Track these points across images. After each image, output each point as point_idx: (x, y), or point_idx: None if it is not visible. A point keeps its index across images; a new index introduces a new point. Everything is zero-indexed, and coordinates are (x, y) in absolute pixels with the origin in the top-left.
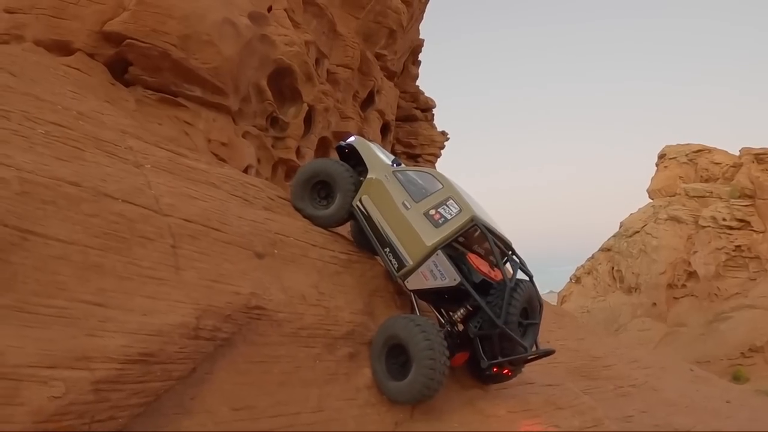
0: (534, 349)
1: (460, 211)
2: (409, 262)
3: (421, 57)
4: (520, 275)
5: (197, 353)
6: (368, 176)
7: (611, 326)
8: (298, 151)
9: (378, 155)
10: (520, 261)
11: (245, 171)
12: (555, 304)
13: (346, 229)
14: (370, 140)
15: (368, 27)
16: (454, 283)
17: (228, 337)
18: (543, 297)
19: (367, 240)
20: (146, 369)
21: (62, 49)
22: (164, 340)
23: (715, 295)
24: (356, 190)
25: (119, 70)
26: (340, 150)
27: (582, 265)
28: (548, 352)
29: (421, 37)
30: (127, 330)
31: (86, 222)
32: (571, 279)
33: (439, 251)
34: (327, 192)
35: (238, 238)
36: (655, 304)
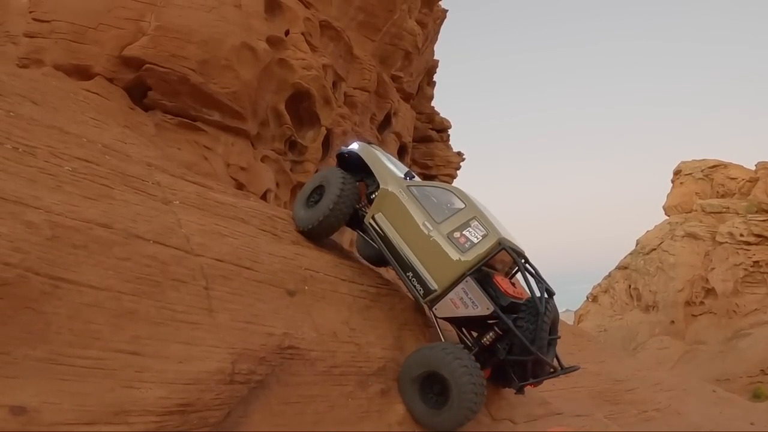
0: (555, 363)
1: (487, 234)
2: (436, 288)
3: (436, 78)
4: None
5: (232, 398)
6: (380, 190)
7: (629, 345)
8: None
9: (387, 166)
10: (537, 274)
11: (264, 195)
12: (572, 323)
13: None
14: (375, 146)
15: (384, 49)
16: (487, 312)
17: (262, 379)
18: (560, 316)
19: (376, 253)
20: (184, 419)
21: (81, 73)
22: (201, 388)
23: (734, 311)
24: (342, 194)
25: (138, 94)
26: (341, 157)
27: (599, 284)
28: (573, 369)
29: (435, 57)
30: (165, 380)
31: (118, 266)
32: (587, 298)
33: (469, 278)
34: (319, 196)
35: (270, 276)
36: (673, 321)
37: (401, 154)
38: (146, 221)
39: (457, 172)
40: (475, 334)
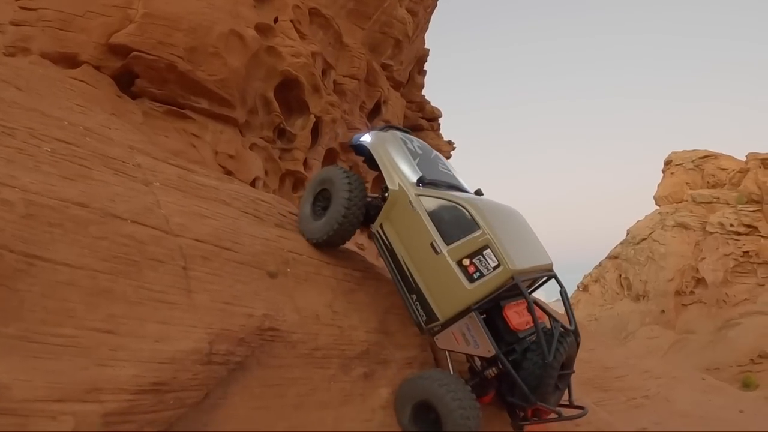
0: (568, 401)
1: (498, 265)
2: (439, 318)
3: (427, 67)
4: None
5: (210, 379)
6: (389, 195)
7: (620, 334)
8: (305, 163)
9: (400, 167)
10: (564, 295)
11: (252, 183)
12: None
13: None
14: (392, 129)
15: (374, 37)
16: (488, 355)
17: (241, 360)
18: (551, 305)
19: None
20: (159, 398)
21: (69, 61)
22: (177, 367)
23: (724, 301)
24: (350, 198)
25: (126, 82)
26: (356, 147)
27: (589, 273)
28: (578, 416)
29: (426, 46)
30: (139, 359)
31: (95, 245)
32: (578, 287)
33: (473, 313)
34: (327, 203)
35: (251, 257)
36: (663, 311)
37: None
38: (125, 201)
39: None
40: (482, 362)
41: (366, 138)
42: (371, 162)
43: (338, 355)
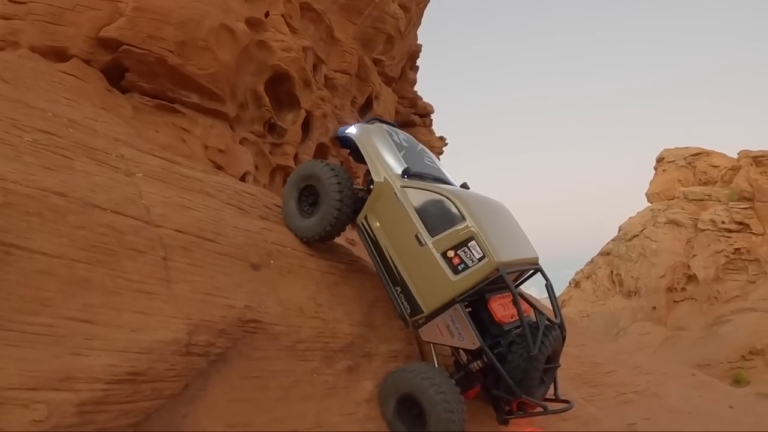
0: (553, 395)
1: (483, 257)
2: (423, 310)
3: (419, 63)
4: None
5: (189, 370)
6: (374, 187)
7: (611, 330)
8: (296, 158)
9: (386, 159)
10: (549, 288)
11: (242, 178)
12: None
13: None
14: (379, 121)
15: (366, 32)
16: (473, 348)
17: (222, 352)
18: (542, 302)
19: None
20: (135, 388)
21: (58, 55)
22: (154, 357)
23: (715, 298)
24: (342, 200)
25: (115, 76)
26: (342, 139)
27: (581, 270)
28: (564, 409)
29: (419, 42)
30: (115, 348)
31: (73, 234)
32: (570, 283)
33: (458, 305)
34: (315, 198)
35: (233, 249)
36: (654, 307)
37: None
38: (105, 191)
39: (440, 156)
40: (468, 355)
41: (352, 130)
42: (357, 154)
43: (322, 348)
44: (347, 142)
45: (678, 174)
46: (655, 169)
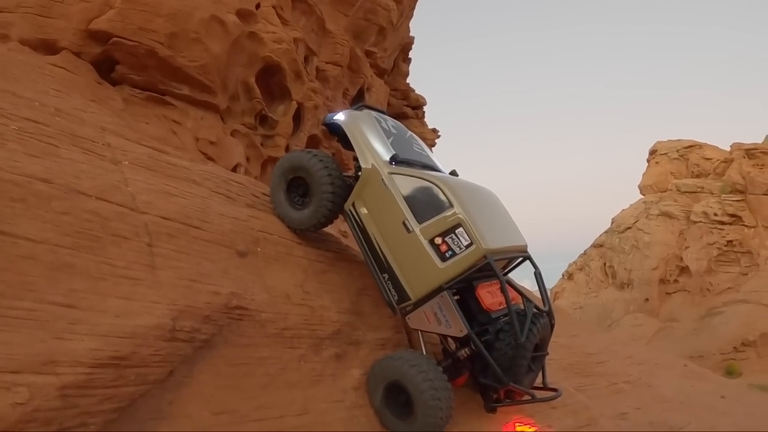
0: (542, 383)
1: (471, 244)
2: (411, 297)
3: (412, 55)
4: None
5: (174, 356)
6: (362, 173)
7: (604, 322)
8: (287, 150)
9: (373, 145)
10: (538, 275)
11: (234, 169)
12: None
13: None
14: (367, 108)
15: (358, 24)
16: (460, 335)
17: (208, 338)
18: (533, 291)
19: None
20: (118, 373)
21: (48, 48)
22: (138, 342)
23: (708, 290)
24: (334, 191)
25: (106, 68)
26: (330, 126)
27: (574, 262)
28: (552, 397)
29: (412, 35)
30: (98, 333)
31: (57, 220)
32: (563, 275)
33: (445, 292)
34: (305, 190)
35: (219, 236)
36: (647, 299)
37: None
38: (90, 178)
39: (432, 149)
40: (455, 342)
41: (340, 116)
42: (345, 141)
43: (309, 335)
44: (335, 129)
45: (671, 166)
46: (648, 161)
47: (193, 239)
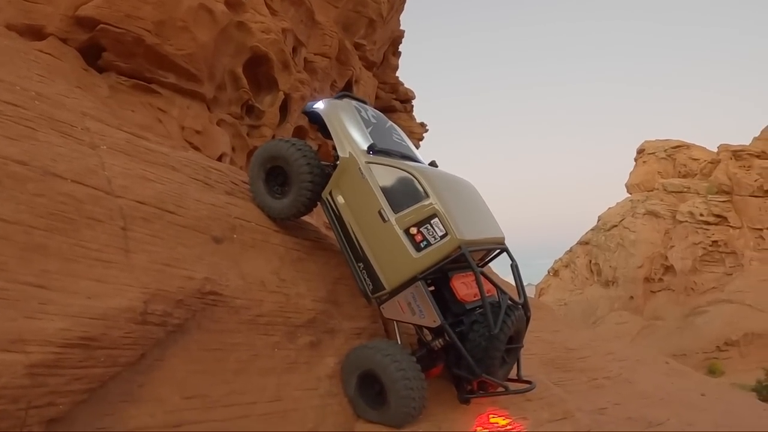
0: (516, 375)
1: (446, 235)
2: (385, 287)
3: (402, 49)
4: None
5: (146, 339)
6: (340, 162)
7: (589, 319)
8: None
9: (352, 134)
10: (514, 267)
11: (219, 159)
12: (533, 296)
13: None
14: (348, 97)
15: (347, 16)
16: (434, 325)
17: (181, 323)
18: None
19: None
20: (88, 354)
21: (35, 33)
22: (108, 324)
23: (692, 289)
24: (313, 180)
25: (92, 55)
26: (311, 115)
27: (560, 258)
28: (526, 389)
29: (402, 28)
30: (68, 313)
31: (31, 202)
32: (549, 272)
33: (419, 282)
34: (284, 179)
35: (195, 221)
36: (632, 297)
37: None
38: (67, 162)
39: (420, 143)
40: (430, 334)
41: (319, 105)
42: (324, 130)
43: (283, 323)
44: (315, 118)
45: (658, 166)
46: (636, 160)
47: (168, 224)
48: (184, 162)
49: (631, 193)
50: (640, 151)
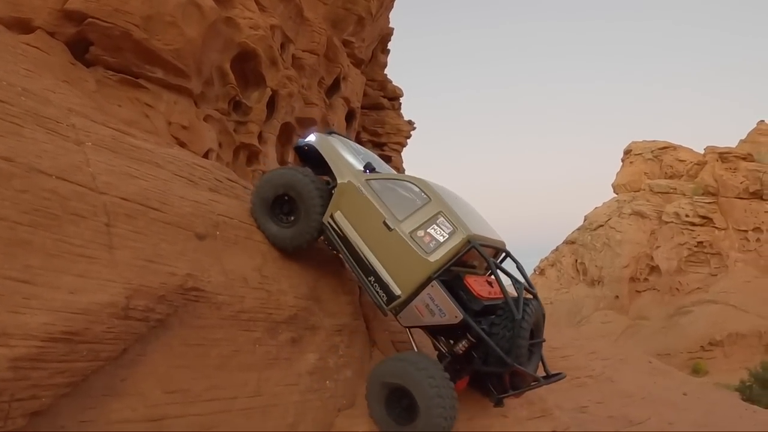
0: (542, 369)
1: (454, 231)
2: (399, 294)
3: (391, 46)
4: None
5: (128, 334)
6: (338, 185)
7: (574, 318)
8: (260, 136)
9: (345, 158)
10: (521, 270)
11: (206, 155)
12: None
13: None
14: (335, 134)
15: (336, 13)
16: (455, 321)
17: (163, 318)
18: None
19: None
20: (70, 348)
21: (22, 26)
22: (90, 319)
23: (677, 289)
24: (325, 205)
25: (80, 49)
26: (300, 150)
27: (546, 257)
28: (559, 377)
29: (391, 25)
30: (51, 308)
31: (16, 198)
32: (535, 271)
33: (435, 282)
34: (291, 207)
35: (178, 218)
36: (617, 297)
37: (349, 119)
38: (52, 158)
39: (407, 140)
40: (450, 340)
41: (311, 138)
42: (315, 166)
43: (265, 319)
44: (305, 154)
45: (645, 166)
46: (623, 160)
47: (151, 220)
48: (168, 159)
49: (617, 194)
50: (627, 152)
